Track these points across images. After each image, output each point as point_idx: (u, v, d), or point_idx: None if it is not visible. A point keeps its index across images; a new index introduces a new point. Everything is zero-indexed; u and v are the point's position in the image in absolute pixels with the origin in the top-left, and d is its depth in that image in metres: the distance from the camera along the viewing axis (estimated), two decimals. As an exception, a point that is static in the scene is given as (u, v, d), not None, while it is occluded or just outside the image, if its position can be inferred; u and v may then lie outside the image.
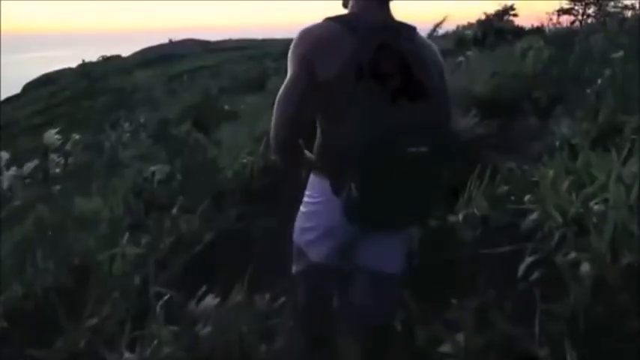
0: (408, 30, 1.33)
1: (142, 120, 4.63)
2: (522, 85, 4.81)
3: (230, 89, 15.06)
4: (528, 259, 1.75)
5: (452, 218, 2.38)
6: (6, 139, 20.62)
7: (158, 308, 1.79)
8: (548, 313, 1.46)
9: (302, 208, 1.47)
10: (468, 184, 2.63)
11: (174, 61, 30.18)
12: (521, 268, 1.77)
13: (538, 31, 12.58)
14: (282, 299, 2.07)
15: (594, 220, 1.62)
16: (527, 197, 2.01)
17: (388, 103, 1.18)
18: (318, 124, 1.37)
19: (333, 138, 1.29)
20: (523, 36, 10.75)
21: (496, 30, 11.67)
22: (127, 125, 4.61)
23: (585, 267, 1.48)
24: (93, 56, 36.56)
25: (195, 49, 33.97)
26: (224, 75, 19.65)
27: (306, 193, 1.45)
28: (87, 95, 23.62)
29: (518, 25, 13.42)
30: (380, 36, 1.24)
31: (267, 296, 1.99)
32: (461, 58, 5.96)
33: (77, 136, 4.88)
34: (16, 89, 33.49)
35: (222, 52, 30.67)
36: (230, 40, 35.62)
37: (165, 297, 1.88)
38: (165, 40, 37.45)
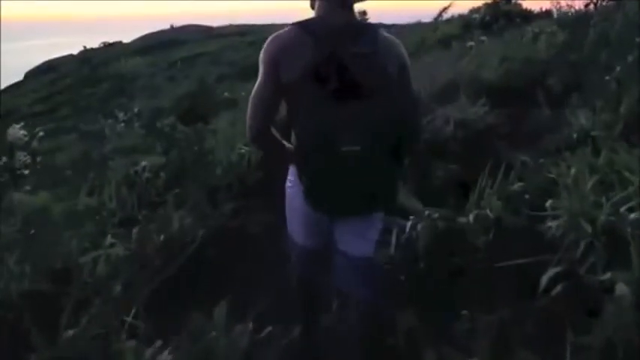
0: (368, 31, 1.41)
1: (135, 110, 4.42)
2: (534, 71, 4.56)
3: (230, 76, 14.79)
4: (551, 272, 1.55)
5: (461, 219, 2.18)
6: (8, 127, 20.60)
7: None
8: (577, 342, 1.26)
9: (286, 193, 1.65)
10: (479, 180, 2.42)
11: (175, 47, 29.81)
12: (543, 280, 1.57)
13: (547, 14, 12.22)
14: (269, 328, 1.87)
15: (629, 230, 1.42)
16: (548, 202, 1.79)
17: (329, 103, 1.30)
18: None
19: (295, 132, 1.42)
20: (532, 20, 10.41)
21: (504, 14, 11.30)
22: (121, 115, 4.42)
23: (622, 288, 1.27)
24: (95, 43, 36.25)
25: (197, 35, 33.54)
26: (224, 62, 19.34)
27: (288, 178, 1.63)
28: (88, 82, 23.38)
29: (526, 9, 13.02)
30: (334, 40, 1.34)
31: (251, 325, 1.79)
32: (471, 43, 5.68)
33: (42, 133, 4.66)
34: (18, 77, 33.32)
35: (223, 38, 30.24)
36: (231, 26, 35.12)
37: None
38: (166, 26, 36.97)
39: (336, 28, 1.38)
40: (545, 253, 1.68)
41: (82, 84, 23.84)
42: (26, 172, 3.45)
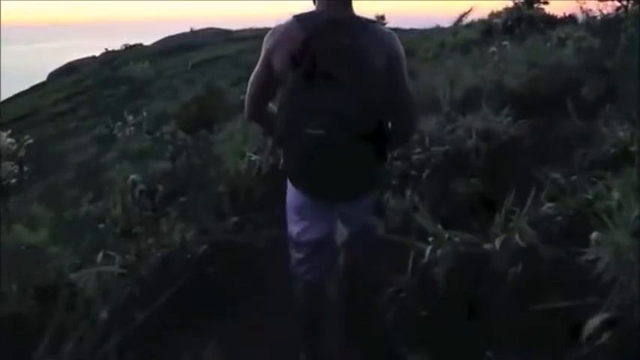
0: (361, 25, 1.47)
1: (144, 113, 4.28)
2: (563, 79, 4.28)
3: (247, 79, 14.70)
4: (598, 317, 1.32)
5: (487, 245, 1.95)
6: (30, 126, 20.94)
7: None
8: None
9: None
10: (505, 200, 2.18)
11: (195, 50, 30.06)
12: (587, 327, 1.33)
13: (571, 19, 11.81)
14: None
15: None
16: (593, 235, 1.55)
17: (302, 91, 1.40)
18: None
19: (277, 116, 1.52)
20: (556, 25, 10.03)
21: (526, 18, 10.94)
22: (130, 118, 4.29)
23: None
24: (116, 45, 36.84)
25: (216, 38, 33.78)
26: (243, 64, 19.34)
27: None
28: (108, 84, 23.70)
29: (549, 13, 12.61)
30: (321, 32, 1.42)
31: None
32: (493, 49, 5.41)
33: (30, 140, 4.54)
34: (42, 77, 34.05)
35: (242, 41, 30.37)
36: (250, 29, 35.28)
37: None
38: (186, 29, 37.37)
39: (326, 22, 1.44)
40: (587, 293, 1.44)
41: (102, 85, 24.17)
42: (13, 180, 3.31)
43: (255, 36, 31.66)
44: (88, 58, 36.00)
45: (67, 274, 2.23)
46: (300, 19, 1.49)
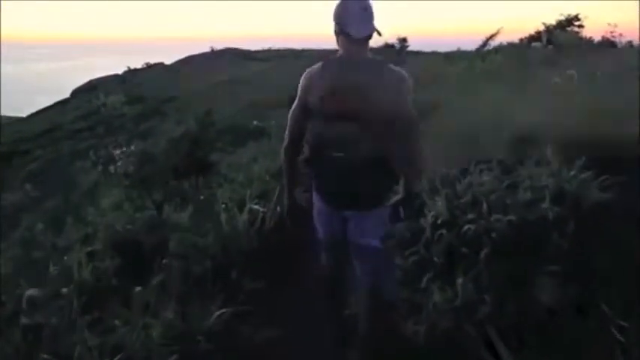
0: (375, 65, 1.88)
1: (132, 147, 3.70)
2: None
3: (265, 102, 14.14)
4: None
5: None
6: (49, 143, 20.85)
7: None
8: None
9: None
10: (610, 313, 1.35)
11: (215, 69, 30.07)
12: None
13: (612, 45, 10.96)
14: None
15: None
16: None
17: (326, 122, 1.85)
18: None
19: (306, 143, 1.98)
20: (598, 50, 9.17)
21: (564, 42, 10.07)
22: (117, 152, 3.74)
23: None
24: (138, 63, 37.27)
25: (236, 58, 33.77)
26: (260, 86, 18.91)
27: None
28: (126, 102, 23.61)
29: (585, 37, 11.71)
30: (342, 74, 1.85)
31: None
32: (556, 79, 4.55)
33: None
34: (66, 94, 34.54)
35: (262, 61, 30.27)
36: (270, 50, 35.25)
37: None
38: (206, 49, 37.67)
39: (347, 66, 1.87)
40: None
41: (119, 103, 24.07)
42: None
43: (275, 56, 31.48)
44: (110, 76, 36.43)
45: None
46: (325, 64, 1.91)
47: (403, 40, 19.82)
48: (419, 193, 2.31)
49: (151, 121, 17.97)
